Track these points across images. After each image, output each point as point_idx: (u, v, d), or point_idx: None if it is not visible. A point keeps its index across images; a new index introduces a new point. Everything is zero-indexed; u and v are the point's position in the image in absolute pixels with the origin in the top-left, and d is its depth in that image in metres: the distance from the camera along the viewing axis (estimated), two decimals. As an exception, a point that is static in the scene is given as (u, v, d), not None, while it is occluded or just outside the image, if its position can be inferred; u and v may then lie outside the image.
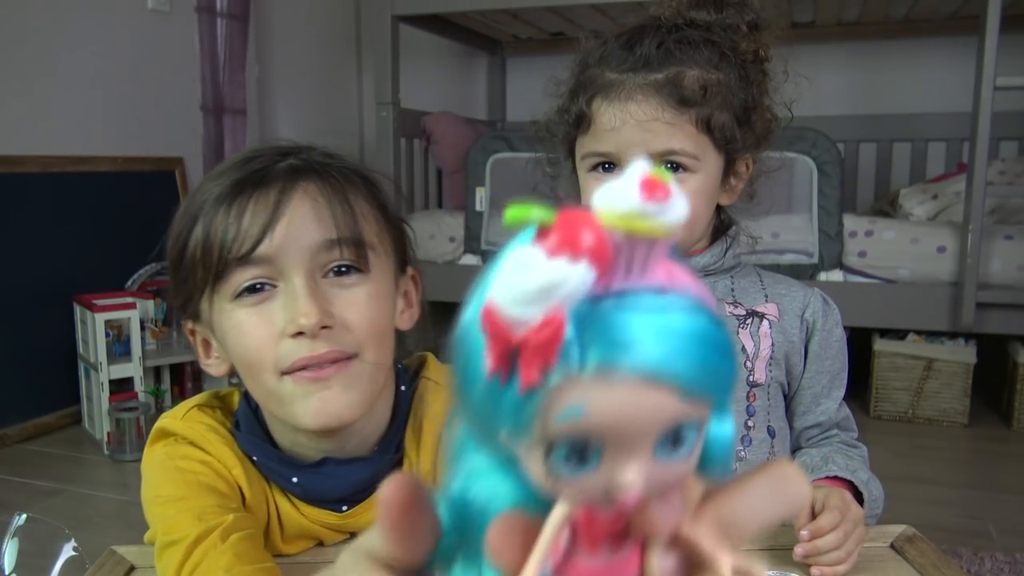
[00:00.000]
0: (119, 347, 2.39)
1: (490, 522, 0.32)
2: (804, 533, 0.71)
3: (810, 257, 2.52)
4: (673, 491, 0.32)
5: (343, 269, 0.67)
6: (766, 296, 0.89)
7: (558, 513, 0.32)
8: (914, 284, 2.46)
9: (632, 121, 0.80)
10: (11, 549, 0.83)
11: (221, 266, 0.65)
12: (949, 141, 3.23)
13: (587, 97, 0.83)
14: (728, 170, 0.86)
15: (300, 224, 0.65)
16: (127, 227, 2.45)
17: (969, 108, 2.31)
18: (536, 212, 0.29)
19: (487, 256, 2.77)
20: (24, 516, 0.85)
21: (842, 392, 0.91)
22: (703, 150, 0.82)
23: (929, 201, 2.72)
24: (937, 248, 2.42)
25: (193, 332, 0.72)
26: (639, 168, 0.29)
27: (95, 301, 2.33)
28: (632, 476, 0.30)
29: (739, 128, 0.83)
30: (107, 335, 2.34)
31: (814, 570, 0.72)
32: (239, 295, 0.66)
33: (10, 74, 2.38)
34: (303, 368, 0.65)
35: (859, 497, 0.82)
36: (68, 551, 0.84)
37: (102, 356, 2.33)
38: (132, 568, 0.74)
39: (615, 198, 0.28)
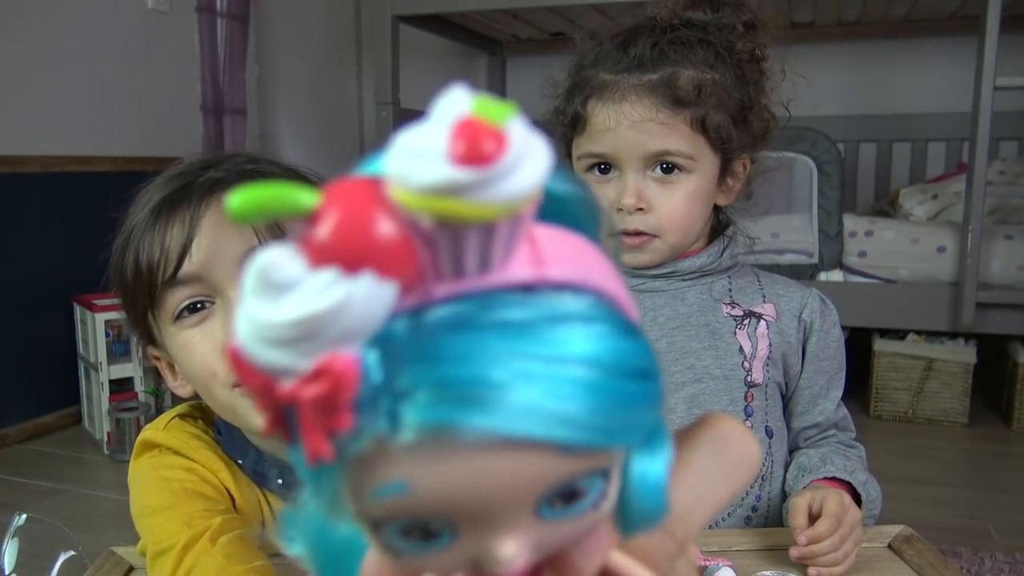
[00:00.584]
0: (119, 347, 2.39)
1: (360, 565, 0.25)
2: (802, 538, 0.71)
3: (810, 257, 2.52)
4: (591, 532, 0.24)
5: None
6: (764, 296, 0.89)
7: None
8: (914, 284, 2.46)
9: (626, 122, 0.80)
10: (11, 549, 0.83)
11: (154, 290, 0.66)
12: (949, 141, 3.23)
13: (582, 98, 0.83)
14: (725, 170, 0.86)
15: (221, 237, 0.65)
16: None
17: (969, 108, 2.31)
18: (283, 196, 0.19)
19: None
20: (24, 516, 0.85)
21: (840, 392, 0.91)
22: (698, 150, 0.82)
23: (929, 201, 2.72)
24: (937, 248, 2.42)
25: (157, 357, 0.73)
26: (453, 106, 0.19)
27: (95, 301, 2.33)
28: (509, 551, 0.22)
29: (735, 128, 0.83)
30: (107, 335, 2.34)
31: (811, 571, 0.72)
32: (179, 316, 0.66)
33: (10, 74, 2.38)
34: None
35: (857, 497, 0.82)
36: (68, 551, 0.84)
37: (102, 356, 2.33)
38: (131, 568, 0.74)
39: (411, 163, 0.18)
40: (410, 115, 3.06)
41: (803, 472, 0.84)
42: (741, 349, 0.86)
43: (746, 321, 0.87)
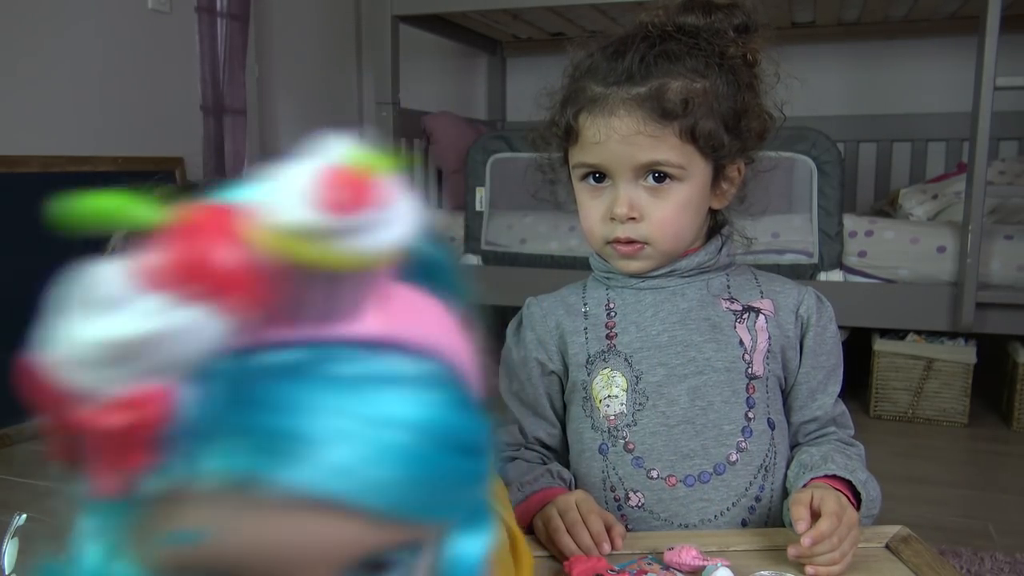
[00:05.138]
0: (119, 347, 2.39)
1: None
2: (807, 540, 0.72)
3: (810, 257, 2.52)
4: None
5: None
6: (761, 293, 0.91)
7: None
8: (914, 284, 2.46)
9: (616, 136, 0.82)
10: (11, 549, 0.83)
11: None
12: (949, 141, 3.23)
13: (573, 111, 0.85)
14: (718, 176, 0.87)
15: None
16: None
17: (969, 108, 2.30)
18: (122, 207, 0.17)
19: (488, 257, 2.78)
20: (24, 516, 0.85)
21: (838, 388, 0.92)
22: (689, 159, 0.83)
23: (929, 201, 2.72)
24: (937, 248, 2.42)
25: None
26: (331, 151, 0.18)
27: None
28: None
29: (728, 134, 0.84)
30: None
31: (808, 570, 0.72)
32: None
33: (10, 74, 2.38)
34: None
35: (857, 497, 0.82)
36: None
37: (102, 356, 2.33)
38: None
39: (273, 198, 0.18)
40: (410, 115, 3.06)
41: (804, 469, 0.84)
42: (741, 342, 0.87)
43: (745, 315, 0.88)
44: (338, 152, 0.18)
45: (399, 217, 0.18)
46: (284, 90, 3.45)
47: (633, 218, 0.84)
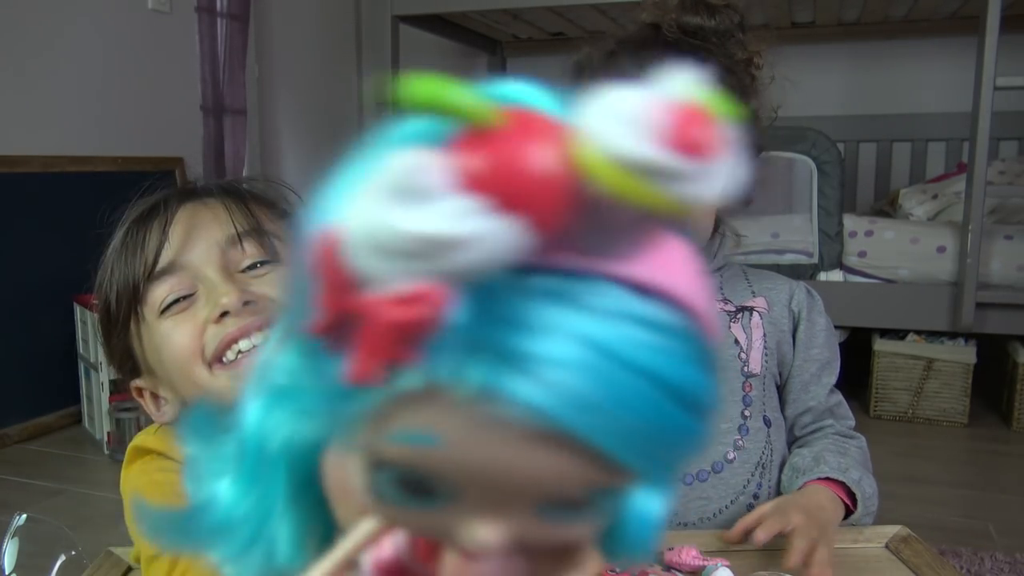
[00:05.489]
0: (119, 347, 2.39)
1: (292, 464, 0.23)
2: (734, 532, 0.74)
3: (810, 257, 2.52)
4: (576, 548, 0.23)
5: (255, 266, 0.69)
6: (753, 292, 0.91)
7: (363, 530, 0.22)
8: (914, 284, 2.46)
9: None
10: (11, 549, 0.83)
11: (137, 292, 0.67)
12: (949, 141, 3.23)
13: None
14: None
15: (200, 226, 0.68)
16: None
17: (969, 108, 2.30)
18: (465, 99, 0.17)
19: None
20: (24, 516, 0.85)
21: (832, 379, 0.92)
22: None
23: (929, 201, 2.72)
24: (937, 248, 2.42)
25: (140, 391, 0.73)
26: (678, 85, 0.17)
27: (95, 301, 2.33)
28: (494, 537, 0.20)
29: None
30: (101, 339, 2.34)
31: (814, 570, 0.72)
32: (165, 309, 0.67)
33: (10, 74, 2.38)
34: (234, 342, 0.65)
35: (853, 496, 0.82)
36: (68, 551, 0.84)
37: (102, 356, 2.33)
38: (129, 569, 0.74)
39: (615, 125, 0.17)
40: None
41: (797, 473, 0.84)
42: (737, 341, 0.88)
43: (739, 315, 0.88)
44: (680, 86, 0.17)
45: (730, 166, 0.17)
46: (284, 90, 3.45)
47: None
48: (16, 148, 2.39)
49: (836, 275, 2.52)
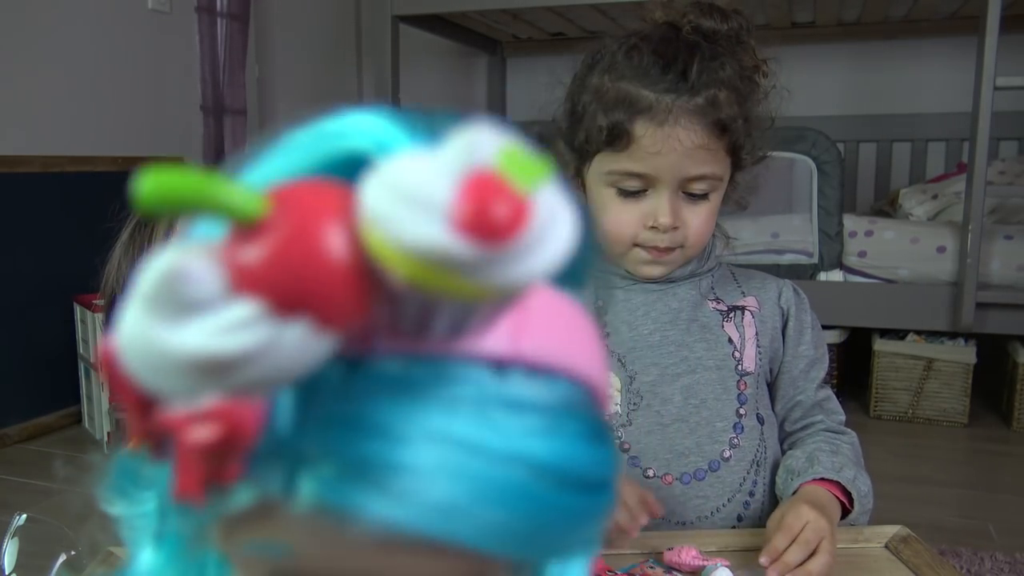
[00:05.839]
0: (119, 347, 2.39)
1: None
2: (763, 559, 0.72)
3: (810, 257, 2.52)
4: None
5: None
6: (743, 292, 0.92)
7: None
8: (914, 284, 2.46)
9: (679, 147, 0.79)
10: (11, 549, 0.83)
11: None
12: (949, 141, 3.23)
13: (627, 116, 0.80)
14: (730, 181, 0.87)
15: None
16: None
17: (969, 108, 2.30)
18: (214, 190, 0.14)
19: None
20: (24, 516, 0.85)
21: (820, 375, 0.92)
22: (725, 170, 0.83)
23: (929, 201, 2.72)
24: (937, 248, 2.42)
25: None
26: (473, 147, 0.14)
27: (95, 301, 2.33)
28: None
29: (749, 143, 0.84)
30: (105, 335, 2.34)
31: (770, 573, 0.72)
32: None
33: (10, 74, 2.38)
34: None
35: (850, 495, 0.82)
36: (68, 551, 0.84)
37: (102, 356, 2.33)
38: (131, 568, 0.74)
39: (402, 209, 0.14)
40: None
41: (791, 475, 0.84)
42: (730, 340, 0.88)
43: (731, 314, 0.89)
44: (485, 149, 0.14)
45: (554, 237, 0.15)
46: (284, 90, 3.45)
47: (676, 227, 0.83)
48: (16, 148, 2.39)
49: (836, 275, 2.52)
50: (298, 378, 0.15)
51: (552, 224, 0.15)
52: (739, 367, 0.88)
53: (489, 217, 0.14)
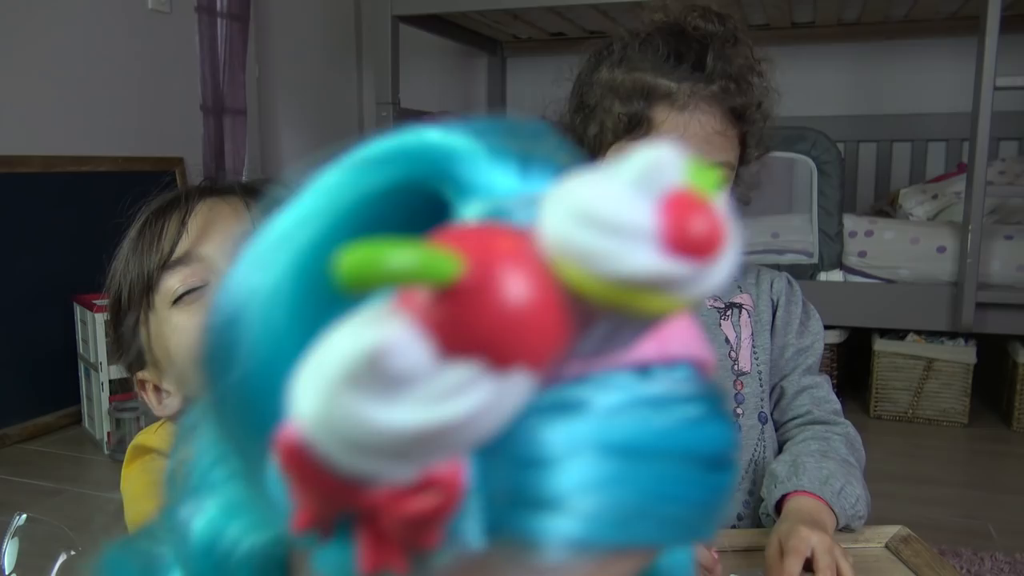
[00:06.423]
0: (119, 347, 2.39)
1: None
2: None
3: (810, 257, 2.52)
4: None
5: None
6: (739, 288, 0.92)
7: None
8: (914, 284, 2.46)
9: (700, 132, 0.80)
10: (11, 549, 0.83)
11: (150, 280, 0.67)
12: (949, 141, 3.23)
13: (648, 102, 0.81)
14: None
15: (218, 220, 0.68)
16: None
17: (969, 108, 2.30)
18: (418, 261, 0.14)
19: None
20: (24, 516, 0.85)
21: (808, 363, 0.92)
22: (736, 161, 0.84)
23: (929, 201, 2.72)
24: (937, 248, 2.42)
25: (143, 383, 0.73)
26: (655, 168, 0.14)
27: (95, 301, 2.33)
28: None
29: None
30: (107, 335, 2.34)
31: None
32: (177, 300, 0.67)
33: (10, 74, 2.38)
34: None
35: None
36: (68, 551, 0.84)
37: (102, 356, 2.33)
38: (131, 568, 0.74)
39: (607, 246, 0.14)
40: (410, 115, 3.06)
41: (775, 482, 0.82)
42: (727, 340, 0.89)
43: (728, 312, 0.90)
44: (670, 170, 0.14)
45: (725, 260, 0.15)
46: (284, 90, 3.45)
47: None
48: (16, 148, 2.39)
49: (836, 275, 2.52)
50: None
51: (728, 245, 0.15)
52: (735, 367, 0.88)
53: (695, 234, 0.14)
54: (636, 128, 0.82)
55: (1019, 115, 2.89)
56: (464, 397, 0.14)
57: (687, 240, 0.14)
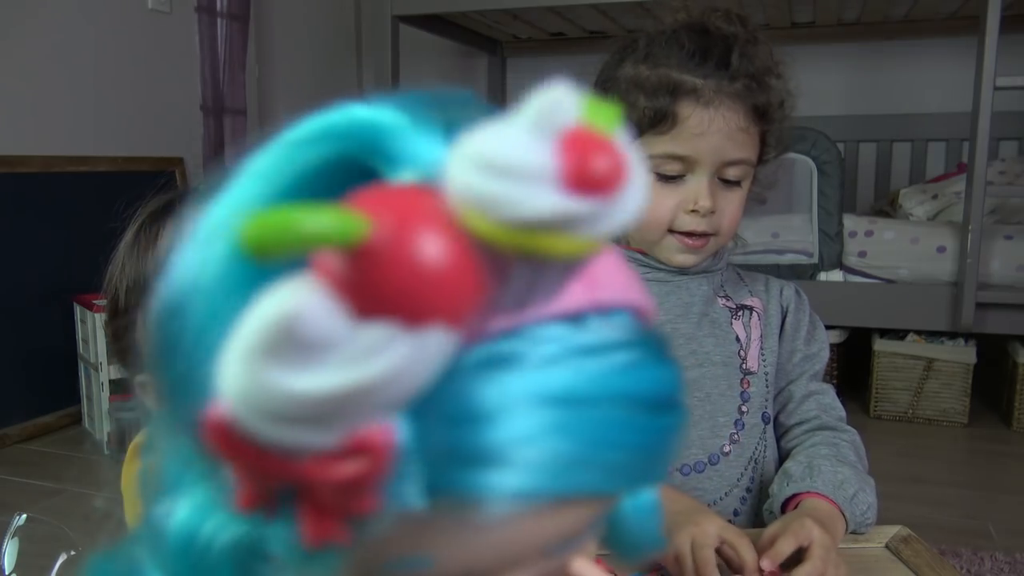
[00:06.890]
0: (119, 347, 2.39)
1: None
2: (765, 562, 0.70)
3: (810, 257, 2.52)
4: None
5: None
6: (750, 292, 0.93)
7: None
8: (914, 284, 2.46)
9: (724, 128, 0.81)
10: (11, 549, 0.83)
11: (147, 284, 0.67)
12: (949, 141, 3.23)
13: (673, 97, 0.82)
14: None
15: None
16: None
17: (969, 108, 2.31)
18: (322, 223, 0.14)
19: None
20: (24, 516, 0.85)
21: (815, 369, 0.93)
22: (756, 159, 0.85)
23: (929, 201, 2.72)
24: (937, 248, 2.42)
25: (144, 386, 0.73)
26: (552, 108, 0.14)
27: (95, 301, 2.33)
28: None
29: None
30: (107, 335, 2.34)
31: (763, 562, 0.71)
32: None
33: (10, 74, 2.38)
34: None
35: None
36: (68, 551, 0.84)
37: (102, 356, 2.33)
38: (131, 568, 0.74)
39: (507, 185, 0.14)
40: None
41: (788, 480, 0.82)
42: (738, 338, 0.90)
43: (740, 313, 0.91)
44: (566, 109, 0.14)
45: (638, 178, 0.15)
46: (284, 90, 3.45)
47: (713, 212, 0.84)
48: (16, 148, 2.39)
49: (836, 275, 2.52)
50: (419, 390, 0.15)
51: (631, 177, 0.15)
52: (743, 365, 0.89)
53: (596, 170, 0.14)
54: (661, 122, 0.82)
55: (1019, 115, 2.89)
56: (380, 358, 0.14)
57: (587, 177, 0.14)
